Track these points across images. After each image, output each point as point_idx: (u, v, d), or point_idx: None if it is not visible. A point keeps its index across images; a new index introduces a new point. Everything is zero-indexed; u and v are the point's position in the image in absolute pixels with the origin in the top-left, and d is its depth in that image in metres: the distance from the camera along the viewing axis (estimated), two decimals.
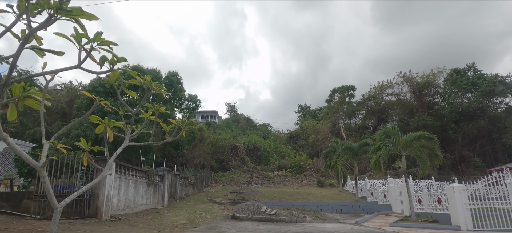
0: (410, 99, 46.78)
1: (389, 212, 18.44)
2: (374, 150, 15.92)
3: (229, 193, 22.36)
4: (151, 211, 14.25)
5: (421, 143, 14.76)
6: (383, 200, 20.14)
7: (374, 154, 15.70)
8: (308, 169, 35.44)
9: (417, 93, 44.74)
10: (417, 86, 43.51)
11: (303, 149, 45.43)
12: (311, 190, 25.78)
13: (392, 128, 15.34)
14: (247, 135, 44.40)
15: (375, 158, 15.50)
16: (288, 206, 18.08)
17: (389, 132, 15.31)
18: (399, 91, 46.75)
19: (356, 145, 20.98)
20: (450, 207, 12.27)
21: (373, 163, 15.59)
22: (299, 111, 59.79)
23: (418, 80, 43.38)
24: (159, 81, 23.73)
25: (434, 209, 13.70)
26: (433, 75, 42.05)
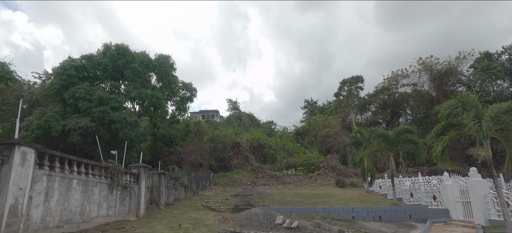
0: (428, 89, 41.63)
1: (447, 219, 13.33)
2: (439, 132, 10.87)
3: (231, 196, 17.34)
4: (114, 225, 9.30)
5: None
6: (432, 203, 15.05)
7: (440, 139, 10.67)
8: (322, 167, 30.33)
9: (437, 81, 39.56)
10: (438, 73, 38.35)
11: (312, 146, 40.35)
12: (330, 191, 20.70)
13: (470, 97, 10.25)
14: (251, 133, 39.40)
15: (443, 144, 10.47)
16: (309, 214, 13.04)
17: (467, 102, 10.23)
18: (416, 81, 41.58)
19: (392, 132, 15.94)
20: None
21: (439, 151, 10.53)
22: (305, 106, 54.65)
23: (438, 67, 38.25)
24: (148, 65, 18.85)
25: None
26: (457, 60, 36.90)
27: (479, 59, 34.44)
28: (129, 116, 16.05)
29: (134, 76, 17.19)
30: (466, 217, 12.94)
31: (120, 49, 18.19)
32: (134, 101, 18.16)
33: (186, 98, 20.23)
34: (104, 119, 15.76)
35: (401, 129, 15.75)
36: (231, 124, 43.29)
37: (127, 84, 17.22)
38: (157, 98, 16.96)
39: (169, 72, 19.04)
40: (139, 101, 17.68)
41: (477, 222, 11.67)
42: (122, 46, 18.72)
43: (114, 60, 17.41)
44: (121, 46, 18.63)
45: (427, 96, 41.06)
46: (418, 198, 16.32)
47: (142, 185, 11.55)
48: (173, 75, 19.57)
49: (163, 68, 18.68)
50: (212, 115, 66.66)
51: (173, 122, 19.87)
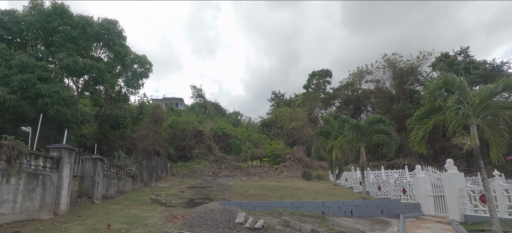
0: (389, 87, 42.37)
1: (419, 214, 12.29)
2: (422, 116, 9.52)
3: (187, 188, 14.92)
4: (9, 228, 6.52)
5: (503, 105, 8.65)
6: (401, 196, 14.06)
7: (424, 123, 9.31)
8: (288, 159, 28.93)
9: (398, 79, 40.30)
10: (400, 71, 38.96)
11: (278, 137, 38.92)
12: (297, 183, 19.16)
13: (454, 78, 9.01)
14: (215, 122, 36.85)
15: (423, 130, 9.13)
16: (276, 209, 11.17)
17: (452, 83, 8.93)
18: (379, 78, 42.00)
19: (364, 122, 14.66)
20: None
21: (419, 137, 9.19)
22: (273, 98, 53.18)
23: (401, 65, 38.83)
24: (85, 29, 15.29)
25: None
26: (418, 59, 37.70)
27: (439, 59, 35.39)
28: (63, 90, 12.77)
29: (65, 41, 13.70)
30: (437, 212, 11.98)
31: (57, 8, 14.57)
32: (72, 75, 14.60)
33: (138, 73, 17.12)
34: (28, 92, 12.34)
35: (374, 118, 14.52)
36: (195, 112, 40.28)
37: (56, 50, 13.58)
38: (98, 70, 13.68)
39: (117, 41, 15.77)
40: (77, 73, 14.13)
41: (451, 217, 10.65)
42: (60, 6, 15.02)
43: (47, 21, 13.84)
44: (58, 5, 14.94)
45: (388, 93, 41.70)
46: (386, 192, 15.31)
47: (65, 172, 8.71)
48: (123, 45, 16.30)
49: (108, 36, 15.34)
50: (177, 103, 62.62)
51: (121, 100, 16.64)
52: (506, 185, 9.03)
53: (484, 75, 31.36)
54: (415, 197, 12.94)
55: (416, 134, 9.39)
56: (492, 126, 9.22)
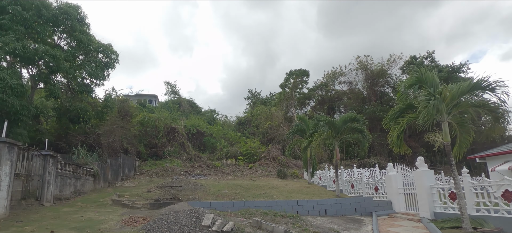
0: (361, 88, 43.39)
1: (391, 212, 12.21)
2: (396, 115, 9.31)
3: (156, 188, 13.82)
4: None
5: (473, 104, 8.61)
6: (374, 194, 13.99)
7: (398, 122, 9.10)
8: (263, 158, 28.42)
9: (370, 81, 41.36)
10: (371, 74, 39.97)
11: (253, 136, 38.37)
12: (272, 182, 18.65)
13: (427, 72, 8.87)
14: (190, 119, 35.52)
15: (398, 129, 8.91)
16: (248, 209, 10.50)
17: (424, 79, 8.78)
18: (352, 79, 42.87)
19: (339, 120, 14.44)
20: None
21: (395, 136, 8.98)
22: (249, 97, 52.55)
23: (373, 67, 39.84)
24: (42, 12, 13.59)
25: None
26: (388, 62, 38.87)
27: (408, 62, 36.66)
28: (11, 77, 11.16)
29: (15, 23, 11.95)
30: (408, 209, 11.97)
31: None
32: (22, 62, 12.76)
33: (103, 64, 15.61)
34: None
35: (348, 116, 14.33)
36: (169, 109, 38.61)
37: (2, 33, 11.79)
38: (52, 57, 12.06)
39: (78, 28, 14.19)
40: (26, 60, 12.33)
41: (422, 215, 10.61)
42: None
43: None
44: None
45: (360, 95, 42.63)
46: (359, 190, 15.22)
47: (3, 170, 7.41)
48: (85, 33, 14.74)
49: (68, 21, 13.76)
50: (150, 100, 60.03)
51: (83, 92, 15.04)
52: (475, 182, 9.04)
53: (446, 78, 33.00)
54: (387, 194, 12.88)
55: (392, 134, 9.17)
56: (461, 124, 9.22)
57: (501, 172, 17.71)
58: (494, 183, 8.34)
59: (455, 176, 8.32)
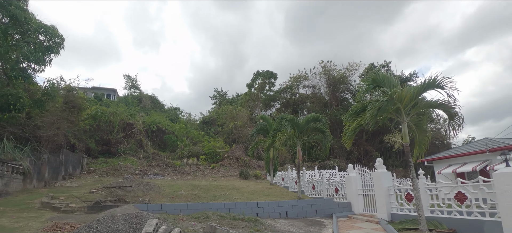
0: (324, 93, 44.46)
1: (350, 214, 12.02)
2: (355, 113, 8.99)
3: (102, 188, 12.10)
4: None
5: (431, 104, 8.57)
6: (334, 195, 13.78)
7: (355, 119, 8.76)
8: (226, 158, 27.38)
9: (332, 87, 42.53)
10: (333, 79, 41.09)
11: (218, 135, 37.13)
12: (233, 182, 17.73)
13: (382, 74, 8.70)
14: (150, 116, 33.21)
15: (357, 122, 8.57)
16: (204, 212, 9.46)
17: (381, 79, 8.60)
18: (315, 84, 43.74)
19: (302, 119, 14.04)
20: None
21: (350, 132, 8.63)
22: (215, 96, 51.01)
23: (335, 73, 40.99)
24: None
25: None
26: (348, 69, 40.26)
27: (366, 69, 38.23)
28: None
29: None
30: (366, 210, 11.89)
31: None
32: None
33: (44, 47, 13.39)
34: None
35: (311, 116, 14.01)
36: (128, 104, 35.75)
37: None
38: None
39: (12, 2, 12.01)
40: None
41: (380, 216, 10.50)
42: None
43: None
44: None
45: (322, 99, 43.61)
46: (320, 191, 14.99)
47: None
48: (22, 8, 12.49)
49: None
50: (109, 94, 55.56)
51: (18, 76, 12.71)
52: (429, 184, 9.06)
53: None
54: (347, 196, 12.70)
55: (349, 125, 8.84)
56: (418, 125, 9.20)
57: (446, 175, 18.79)
58: (448, 184, 8.36)
59: (413, 177, 8.19)
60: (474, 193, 7.35)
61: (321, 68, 40.58)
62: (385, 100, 7.43)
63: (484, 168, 16.02)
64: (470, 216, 7.31)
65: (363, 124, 8.29)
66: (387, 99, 7.44)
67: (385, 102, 7.44)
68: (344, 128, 9.02)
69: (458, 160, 18.75)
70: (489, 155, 16.58)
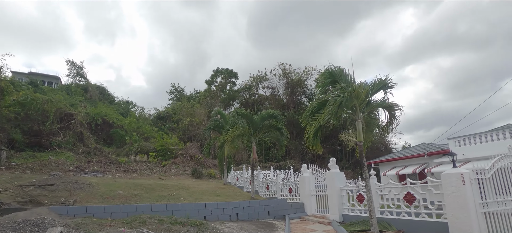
0: (282, 95, 44.81)
1: (303, 215, 11.54)
2: (314, 110, 8.45)
3: (17, 187, 9.79)
4: None
5: (381, 104, 8.34)
6: (288, 196, 13.26)
7: (315, 119, 8.23)
8: (179, 155, 25.53)
9: (290, 89, 43.04)
10: (291, 82, 41.57)
11: (173, 132, 34.86)
12: (184, 182, 16.25)
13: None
14: (96, 107, 29.76)
15: (315, 126, 8.05)
16: (140, 215, 8.05)
17: (338, 74, 8.19)
18: (275, 85, 43.84)
19: (257, 116, 13.26)
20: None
21: (312, 133, 8.07)
22: (172, 92, 48.02)
23: (293, 76, 41.49)
24: None
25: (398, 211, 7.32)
26: (305, 73, 41.06)
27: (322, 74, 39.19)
28: None
29: None
30: (319, 211, 11.53)
31: None
32: None
33: None
34: None
35: (267, 113, 13.30)
36: (70, 93, 31.58)
37: None
38: None
39: None
40: None
41: (332, 217, 10.16)
42: None
43: None
44: None
45: (280, 101, 43.86)
46: (274, 191, 14.38)
47: None
48: None
49: None
50: (50, 81, 49.21)
51: None
52: (380, 185, 8.91)
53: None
54: (300, 196, 12.23)
55: (309, 130, 8.27)
56: (368, 123, 8.96)
57: (390, 177, 19.66)
58: (398, 185, 8.23)
59: (366, 177, 7.84)
60: (423, 194, 7.23)
61: (280, 70, 40.71)
62: (346, 95, 6.95)
63: (423, 170, 17.04)
64: (418, 217, 7.17)
65: (323, 123, 7.73)
66: (347, 95, 6.96)
67: (346, 98, 6.95)
68: (306, 131, 8.38)
69: (400, 163, 19.81)
70: (426, 159, 17.73)
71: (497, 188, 6.37)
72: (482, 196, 6.09)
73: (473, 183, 6.04)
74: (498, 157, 6.60)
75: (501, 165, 6.60)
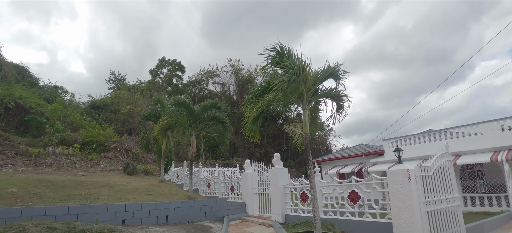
0: (232, 93, 43.59)
1: (244, 215, 10.40)
2: (257, 93, 7.35)
3: None
4: None
5: (329, 94, 7.66)
6: (229, 195, 12.02)
7: (258, 102, 7.12)
8: (113, 149, 22.26)
9: (240, 87, 42.09)
10: (242, 79, 40.67)
11: (110, 124, 30.68)
12: (111, 178, 13.72)
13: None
14: (9, 88, 24.32)
15: (256, 109, 6.94)
16: (23, 222, 5.87)
17: (286, 54, 7.21)
18: (225, 81, 42.41)
19: (198, 106, 11.66)
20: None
21: (251, 119, 6.95)
22: (112, 80, 42.54)
23: (243, 73, 40.63)
24: None
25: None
26: (256, 72, 40.60)
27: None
28: None
29: None
30: (261, 211, 10.57)
31: None
32: None
33: None
34: None
35: (209, 103, 11.81)
36: None
37: None
38: None
39: None
40: None
41: (274, 218, 9.25)
42: None
43: None
44: None
45: (231, 98, 42.63)
46: (215, 189, 13.01)
47: None
48: None
49: None
50: None
51: None
52: (325, 183, 8.28)
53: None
54: (242, 195, 11.11)
55: (249, 114, 7.15)
56: (314, 114, 8.23)
57: (331, 175, 19.94)
58: (341, 183, 7.65)
59: (311, 174, 7.00)
60: (367, 192, 6.69)
61: (230, 66, 39.45)
62: (296, 70, 5.97)
63: (360, 170, 17.58)
64: (362, 217, 6.61)
65: (266, 107, 6.66)
66: (297, 70, 5.99)
67: (295, 76, 5.96)
68: (244, 115, 7.21)
69: (340, 162, 20.31)
70: (363, 159, 18.40)
71: (436, 187, 6.10)
72: (425, 195, 5.72)
73: (418, 181, 5.62)
74: (438, 154, 6.39)
75: (440, 163, 6.40)
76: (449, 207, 6.13)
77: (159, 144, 14.01)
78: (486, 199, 11.78)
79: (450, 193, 6.34)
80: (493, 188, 12.32)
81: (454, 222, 6.09)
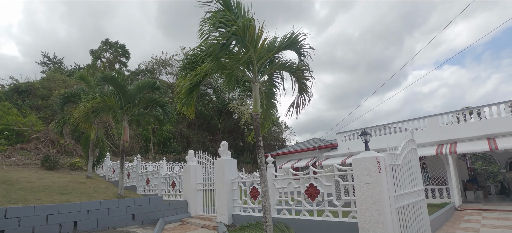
0: None
1: (185, 216, 8.55)
2: (193, 60, 5.66)
3: None
4: None
5: (287, 66, 6.32)
6: (170, 192, 10.01)
7: (193, 68, 5.42)
8: (34, 139, 18.17)
9: None
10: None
11: (38, 111, 25.51)
12: (18, 174, 10.54)
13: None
14: None
15: (194, 78, 5.27)
16: None
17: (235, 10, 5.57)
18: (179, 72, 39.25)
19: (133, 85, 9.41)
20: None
21: (185, 89, 5.24)
22: (44, 62, 35.90)
23: None
24: None
25: None
26: None
27: None
28: None
29: None
30: (206, 211, 8.85)
31: None
32: None
33: None
34: None
35: (146, 82, 9.64)
36: None
37: None
38: None
39: None
40: None
41: (219, 219, 7.63)
42: None
43: None
44: None
45: None
46: (154, 186, 10.87)
47: None
48: None
49: None
50: None
51: None
52: (279, 175, 6.94)
53: None
54: (184, 192, 9.25)
55: (183, 84, 5.47)
56: (268, 93, 6.85)
57: (286, 170, 19.06)
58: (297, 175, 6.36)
59: (262, 163, 5.50)
60: (328, 186, 5.47)
61: (183, 55, 36.43)
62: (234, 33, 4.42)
63: (314, 163, 16.99)
64: (322, 217, 5.38)
65: (208, 72, 5.05)
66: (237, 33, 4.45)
67: (234, 36, 4.41)
68: (176, 85, 5.48)
69: (295, 156, 19.60)
70: (317, 152, 17.89)
71: (404, 179, 5.15)
72: (395, 188, 4.69)
73: (388, 171, 4.54)
74: (406, 141, 5.48)
75: (407, 151, 5.50)
76: (417, 201, 5.25)
77: (86, 133, 11.26)
78: (429, 191, 11.89)
79: (417, 186, 5.50)
80: (436, 181, 12.56)
81: (419, 216, 5.24)
